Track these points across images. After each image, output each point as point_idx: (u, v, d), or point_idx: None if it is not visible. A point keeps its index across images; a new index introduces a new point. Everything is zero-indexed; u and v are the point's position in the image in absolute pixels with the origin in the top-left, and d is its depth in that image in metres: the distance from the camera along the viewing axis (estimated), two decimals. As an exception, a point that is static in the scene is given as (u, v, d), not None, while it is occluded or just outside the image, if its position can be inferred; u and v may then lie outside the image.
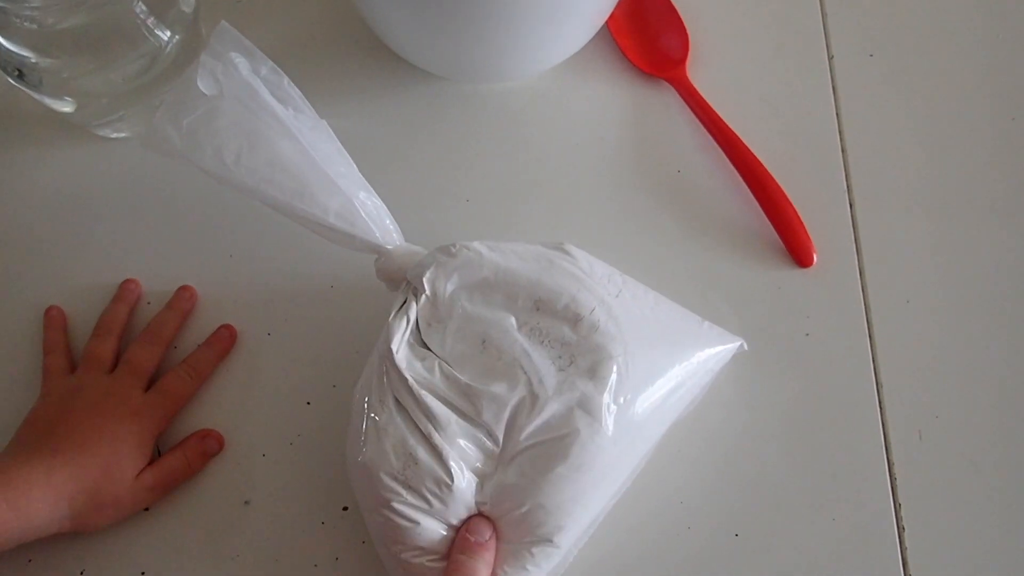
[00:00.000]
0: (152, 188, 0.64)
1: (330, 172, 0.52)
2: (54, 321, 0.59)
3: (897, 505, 0.53)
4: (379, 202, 0.54)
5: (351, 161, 0.54)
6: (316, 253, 0.59)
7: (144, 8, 0.56)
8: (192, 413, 0.57)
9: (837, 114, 0.66)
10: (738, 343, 0.55)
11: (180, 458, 0.54)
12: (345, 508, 0.54)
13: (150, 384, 0.56)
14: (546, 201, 0.63)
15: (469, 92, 0.67)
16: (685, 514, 0.53)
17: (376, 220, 0.53)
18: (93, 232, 0.63)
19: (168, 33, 0.58)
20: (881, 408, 0.56)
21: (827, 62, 0.68)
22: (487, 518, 0.47)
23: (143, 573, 0.53)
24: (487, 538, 0.47)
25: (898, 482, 0.54)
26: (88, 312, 0.60)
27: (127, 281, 0.60)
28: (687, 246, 0.61)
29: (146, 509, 0.54)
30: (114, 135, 0.65)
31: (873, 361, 0.57)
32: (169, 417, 0.56)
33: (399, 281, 0.52)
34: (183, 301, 0.60)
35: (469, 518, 0.47)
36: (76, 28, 0.54)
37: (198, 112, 0.51)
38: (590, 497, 0.48)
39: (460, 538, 0.47)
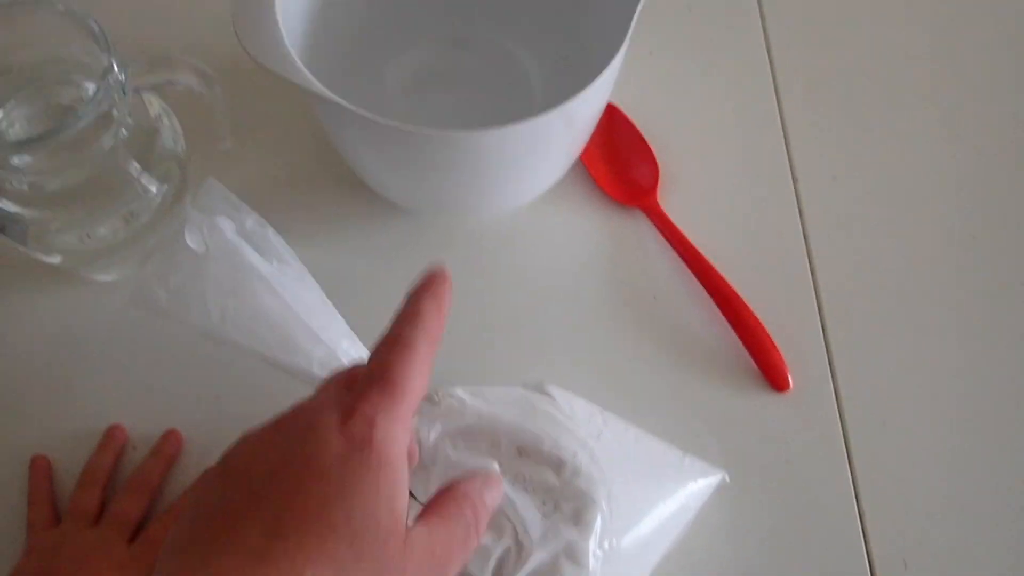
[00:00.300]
0: (138, 330, 0.64)
1: (312, 324, 0.53)
2: (39, 471, 0.59)
3: (884, 634, 0.54)
4: (363, 350, 0.54)
5: (334, 310, 0.55)
6: (302, 395, 0.59)
7: (136, 164, 0.57)
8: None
9: (805, 236, 0.68)
10: (720, 476, 0.55)
11: None
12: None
13: (136, 534, 0.56)
14: (524, 333, 0.64)
15: (446, 225, 0.68)
16: (674, 651, 0.54)
17: None
18: (79, 376, 0.63)
19: (156, 183, 0.59)
20: (865, 537, 0.57)
21: (792, 186, 0.70)
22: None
23: None
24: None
25: (884, 609, 0.55)
26: (74, 460, 0.59)
27: (112, 427, 0.60)
28: (665, 373, 0.62)
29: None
30: (101, 278, 0.65)
31: (854, 488, 0.58)
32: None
33: None
34: (169, 446, 0.60)
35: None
36: (66, 186, 0.55)
37: (184, 271, 0.51)
38: None
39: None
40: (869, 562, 0.56)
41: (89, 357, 0.63)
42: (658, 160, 0.70)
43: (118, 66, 0.52)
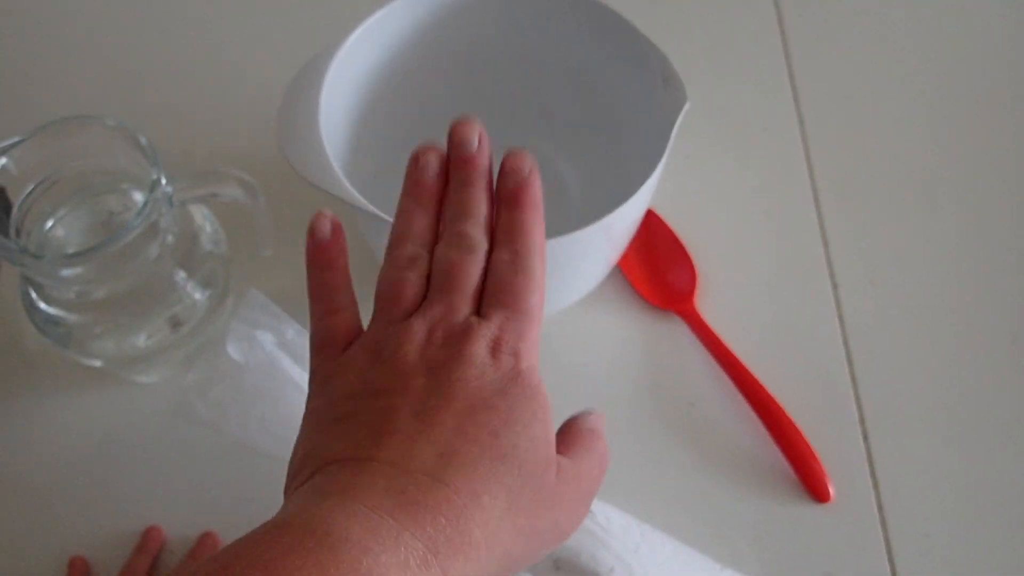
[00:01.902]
0: (177, 432, 0.64)
1: None
2: (77, 572, 0.59)
3: None
4: None
5: None
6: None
7: (181, 271, 0.58)
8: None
9: (845, 342, 0.67)
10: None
11: None
12: None
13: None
14: (562, 439, 0.64)
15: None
16: None
17: None
18: (118, 477, 0.64)
19: (200, 289, 0.61)
20: (908, 655, 0.55)
21: (832, 291, 0.70)
22: None
23: None
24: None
25: None
26: (112, 561, 0.60)
27: (150, 528, 0.61)
28: (703, 481, 0.62)
29: None
30: (142, 380, 0.67)
31: (897, 602, 0.57)
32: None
33: None
34: (205, 549, 0.60)
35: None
36: (112, 294, 0.57)
37: (224, 383, 0.53)
38: None
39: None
40: None
41: (128, 458, 0.64)
42: (695, 264, 0.70)
43: (165, 180, 0.53)
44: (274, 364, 0.53)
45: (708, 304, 0.69)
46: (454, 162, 0.42)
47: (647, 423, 0.64)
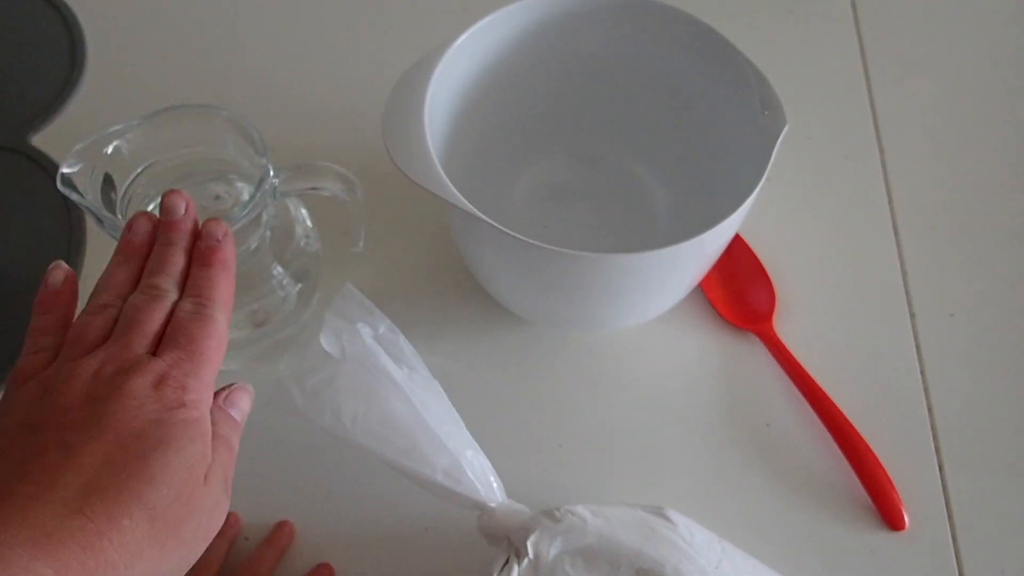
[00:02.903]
0: (254, 422, 0.65)
1: (439, 432, 0.54)
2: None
3: None
4: (485, 460, 0.55)
5: (459, 419, 0.56)
6: (415, 500, 0.60)
7: (278, 264, 0.59)
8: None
9: (922, 371, 0.67)
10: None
11: None
12: None
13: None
14: (639, 451, 0.64)
15: (563, 338, 0.69)
16: None
17: (480, 478, 0.54)
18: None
19: (291, 282, 0.61)
20: None
21: (909, 320, 0.70)
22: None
23: None
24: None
25: None
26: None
27: (229, 514, 0.61)
28: (777, 503, 0.62)
29: None
30: (226, 368, 0.67)
31: (970, 635, 0.57)
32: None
33: (501, 539, 0.53)
34: (281, 537, 0.61)
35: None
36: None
37: (321, 374, 0.53)
38: None
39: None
40: None
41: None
42: (775, 286, 0.70)
43: (273, 172, 0.54)
44: (371, 358, 0.54)
45: (786, 326, 0.69)
46: (161, 226, 0.48)
47: (723, 440, 0.65)
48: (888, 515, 0.61)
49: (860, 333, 0.69)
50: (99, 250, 0.72)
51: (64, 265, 0.47)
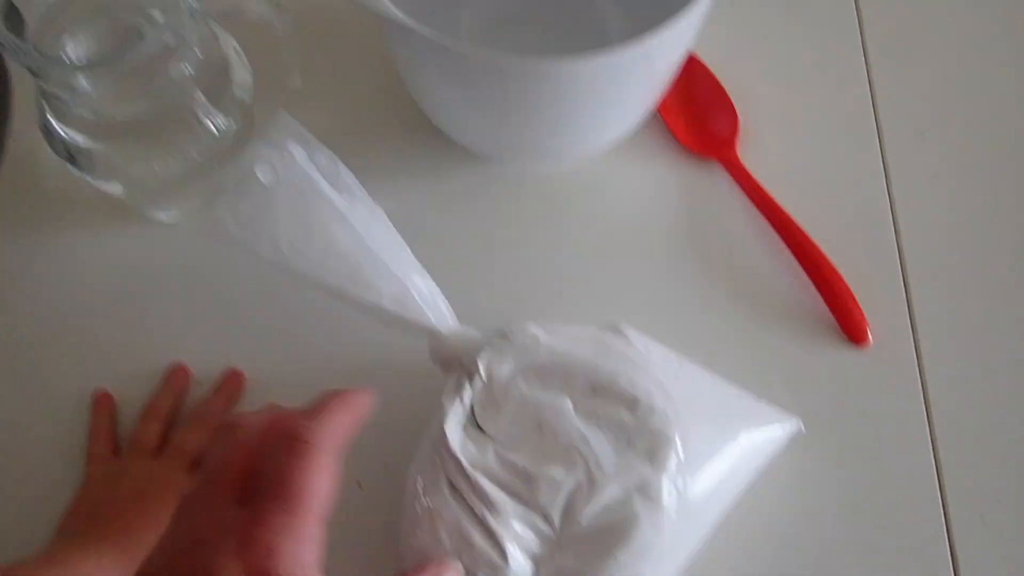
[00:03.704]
0: (202, 270, 0.64)
1: (384, 257, 0.52)
2: (101, 406, 0.59)
3: (962, 593, 0.52)
4: (433, 285, 0.54)
5: (405, 245, 0.54)
6: (365, 333, 0.59)
7: (203, 97, 0.57)
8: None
9: (888, 192, 0.66)
10: (795, 424, 0.54)
11: None
12: (397, 594, 0.53)
13: (197, 467, 0.56)
14: (597, 282, 0.63)
15: (518, 174, 0.67)
16: (744, 603, 0.52)
17: (430, 303, 0.53)
18: (143, 315, 0.63)
19: (223, 120, 0.59)
20: (942, 490, 0.55)
21: (877, 141, 0.68)
22: None
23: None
24: None
25: (961, 567, 0.53)
26: (137, 396, 0.60)
27: (175, 366, 0.60)
28: (741, 326, 0.61)
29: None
30: (165, 218, 0.66)
31: (932, 443, 0.56)
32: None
33: (453, 364, 0.52)
34: (231, 384, 0.60)
35: None
36: (133, 116, 0.55)
37: (256, 200, 0.51)
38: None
39: None
40: (945, 516, 0.54)
41: (153, 295, 0.64)
42: (738, 112, 0.68)
43: (190, -10, 0.51)
44: (308, 182, 0.52)
45: (749, 152, 0.67)
46: None
47: (685, 268, 0.63)
48: (851, 331, 0.60)
49: (826, 156, 0.67)
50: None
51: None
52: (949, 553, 0.53)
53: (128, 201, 0.63)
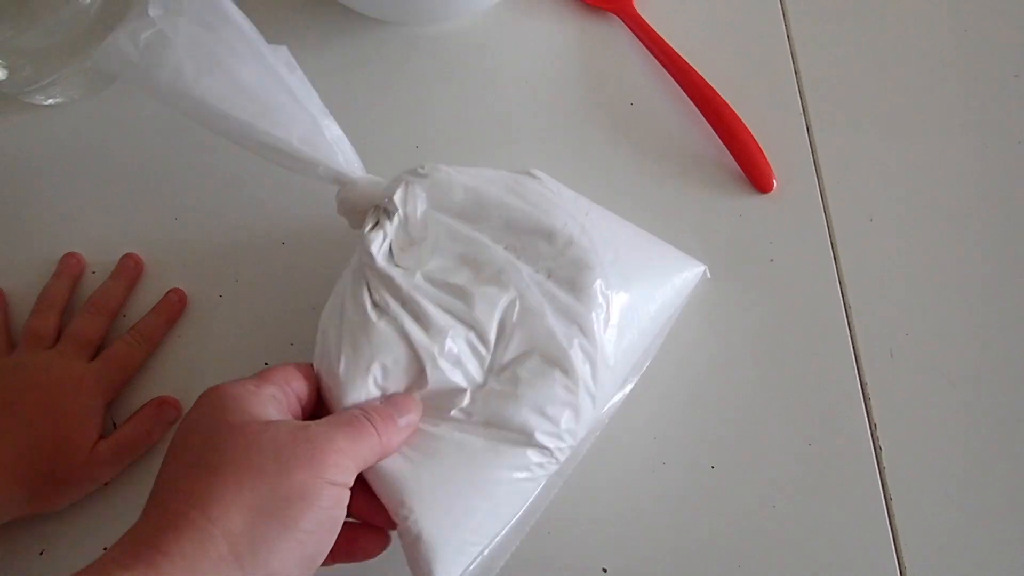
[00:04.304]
0: (89, 155, 0.61)
1: (296, 93, 0.50)
2: (-9, 300, 0.57)
3: (872, 425, 0.53)
4: (341, 132, 0.51)
5: (312, 88, 0.52)
6: (264, 210, 0.57)
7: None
8: (146, 382, 0.55)
9: (788, 36, 0.65)
10: (701, 268, 0.54)
11: (136, 428, 0.52)
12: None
13: (97, 355, 0.54)
14: (498, 143, 0.61)
15: (413, 35, 0.65)
16: (659, 449, 0.52)
17: (341, 149, 0.50)
18: (32, 204, 0.60)
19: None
20: (851, 329, 0.55)
21: (775, -15, 0.66)
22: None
23: (105, 548, 0.50)
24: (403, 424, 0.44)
25: (872, 402, 0.53)
26: (28, 289, 0.57)
27: (68, 254, 0.58)
28: (645, 179, 0.60)
29: (105, 484, 0.52)
30: (47, 101, 0.62)
31: (840, 283, 0.56)
32: (119, 386, 0.53)
33: (362, 214, 0.50)
34: (128, 269, 0.57)
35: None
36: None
37: (156, 28, 0.48)
38: (584, 408, 0.46)
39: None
40: (855, 353, 0.54)
41: (40, 184, 0.61)
42: (632, -39, 0.66)
43: None
44: (213, 6, 0.48)
45: (647, 2, 0.65)
46: None
47: (586, 123, 0.62)
48: (756, 178, 0.59)
49: (725, 3, 0.66)
50: None
51: None
52: (860, 389, 0.54)
53: (8, 87, 0.60)
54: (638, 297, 0.48)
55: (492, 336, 0.46)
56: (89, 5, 0.56)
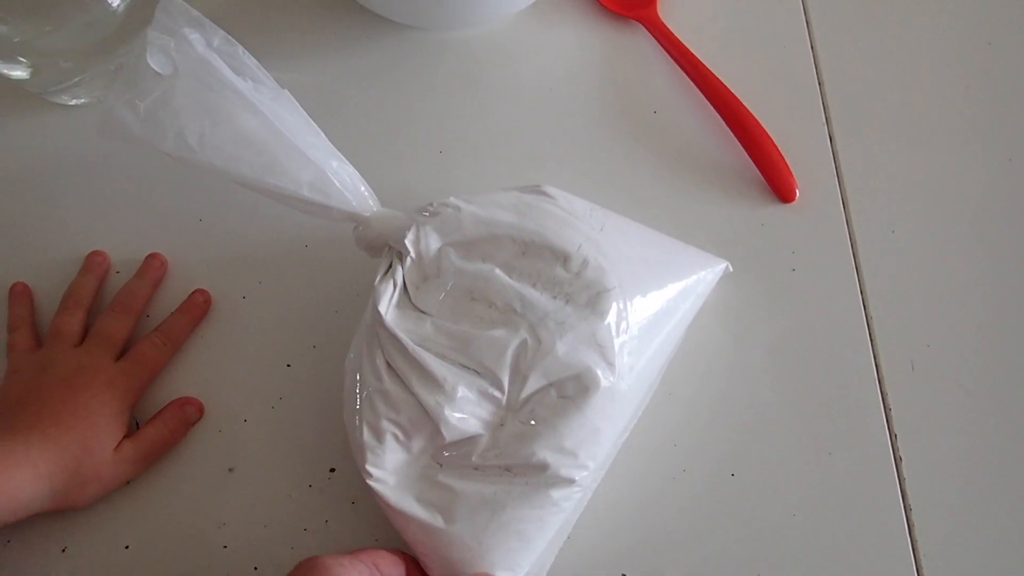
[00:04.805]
0: (116, 155, 0.62)
1: (299, 143, 0.50)
2: (19, 297, 0.57)
3: (893, 436, 0.53)
4: (352, 169, 0.52)
5: (318, 130, 0.52)
6: (288, 213, 0.57)
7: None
8: (170, 382, 0.55)
9: (812, 46, 0.65)
10: (723, 265, 0.54)
11: (160, 428, 0.52)
12: (332, 470, 0.52)
13: (122, 355, 0.54)
14: (520, 149, 0.61)
15: (435, 41, 0.65)
16: (681, 457, 0.52)
17: (351, 188, 0.51)
18: (57, 203, 0.61)
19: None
20: (872, 340, 0.55)
21: (799, -7, 0.67)
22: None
23: (127, 547, 0.51)
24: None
25: (892, 413, 0.53)
26: (55, 287, 0.57)
27: (93, 253, 0.58)
28: (668, 187, 0.60)
29: (128, 483, 0.52)
30: (72, 102, 0.63)
31: (862, 293, 0.56)
32: (143, 386, 0.54)
33: (380, 248, 0.51)
34: (153, 269, 0.58)
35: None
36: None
37: (154, 94, 0.48)
38: (605, 433, 0.46)
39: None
40: (876, 364, 0.54)
41: (67, 183, 0.61)
42: (657, -31, 0.66)
43: None
44: (208, 70, 0.49)
45: (671, 11, 0.66)
46: None
47: (609, 131, 0.62)
48: (779, 188, 0.59)
49: (748, 12, 0.66)
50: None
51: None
52: (881, 400, 0.54)
53: (33, 86, 0.60)
54: (659, 308, 0.49)
55: (505, 379, 0.46)
56: (116, 7, 0.56)
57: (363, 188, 0.52)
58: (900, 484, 0.52)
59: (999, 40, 0.65)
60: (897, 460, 0.52)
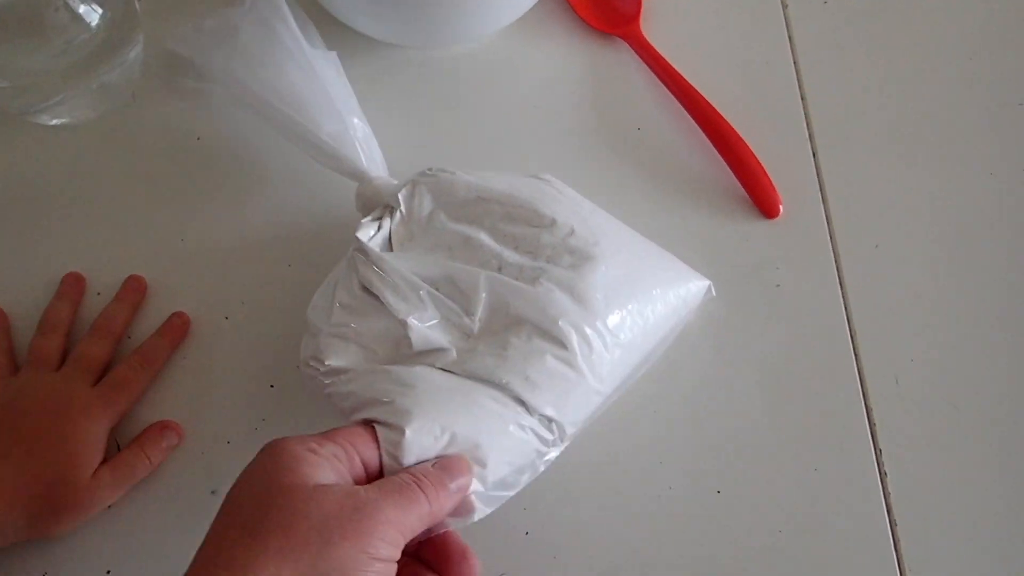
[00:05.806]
0: (94, 175, 0.61)
1: (332, 94, 0.54)
2: (-8, 320, 0.57)
3: (878, 451, 0.53)
4: (370, 132, 0.55)
5: (352, 93, 0.56)
6: (271, 232, 0.57)
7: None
8: (150, 405, 0.55)
9: (795, 62, 0.65)
10: (706, 284, 0.53)
11: (138, 453, 0.52)
12: (316, 491, 0.52)
13: (101, 379, 0.54)
14: (505, 165, 0.60)
15: (419, 59, 0.65)
16: (665, 474, 0.52)
17: (365, 148, 0.54)
18: (35, 224, 0.60)
19: (98, 11, 0.56)
20: (856, 356, 0.55)
21: (781, 10, 0.67)
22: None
23: (108, 572, 0.50)
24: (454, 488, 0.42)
25: (878, 428, 0.53)
26: (32, 310, 0.57)
27: (68, 274, 0.58)
28: (651, 203, 0.60)
29: (108, 507, 0.52)
30: (53, 122, 0.62)
31: (846, 309, 0.56)
32: (122, 410, 0.53)
33: (376, 208, 0.52)
34: (132, 291, 0.57)
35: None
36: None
37: (219, 20, 0.56)
38: (573, 384, 0.46)
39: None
40: (861, 379, 0.54)
41: (47, 204, 0.61)
42: (639, -15, 0.66)
43: None
44: (279, 11, 0.56)
45: (654, 28, 0.66)
46: None
47: (593, 148, 0.62)
48: (762, 204, 0.59)
49: (731, 29, 0.66)
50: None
51: None
52: (866, 415, 0.54)
53: (14, 107, 0.60)
54: (640, 293, 0.49)
55: (478, 307, 0.46)
56: (96, 27, 0.56)
57: (376, 153, 0.55)
58: (885, 499, 0.51)
59: (981, 56, 0.65)
60: (882, 475, 0.52)
